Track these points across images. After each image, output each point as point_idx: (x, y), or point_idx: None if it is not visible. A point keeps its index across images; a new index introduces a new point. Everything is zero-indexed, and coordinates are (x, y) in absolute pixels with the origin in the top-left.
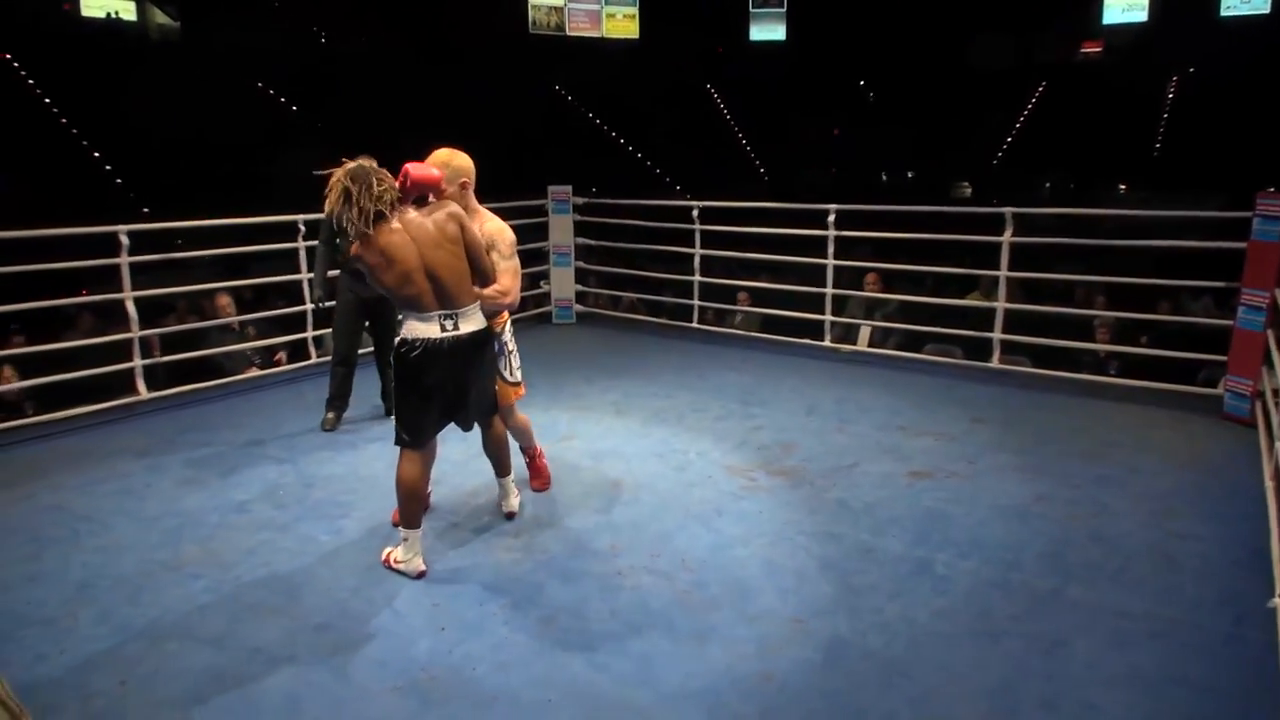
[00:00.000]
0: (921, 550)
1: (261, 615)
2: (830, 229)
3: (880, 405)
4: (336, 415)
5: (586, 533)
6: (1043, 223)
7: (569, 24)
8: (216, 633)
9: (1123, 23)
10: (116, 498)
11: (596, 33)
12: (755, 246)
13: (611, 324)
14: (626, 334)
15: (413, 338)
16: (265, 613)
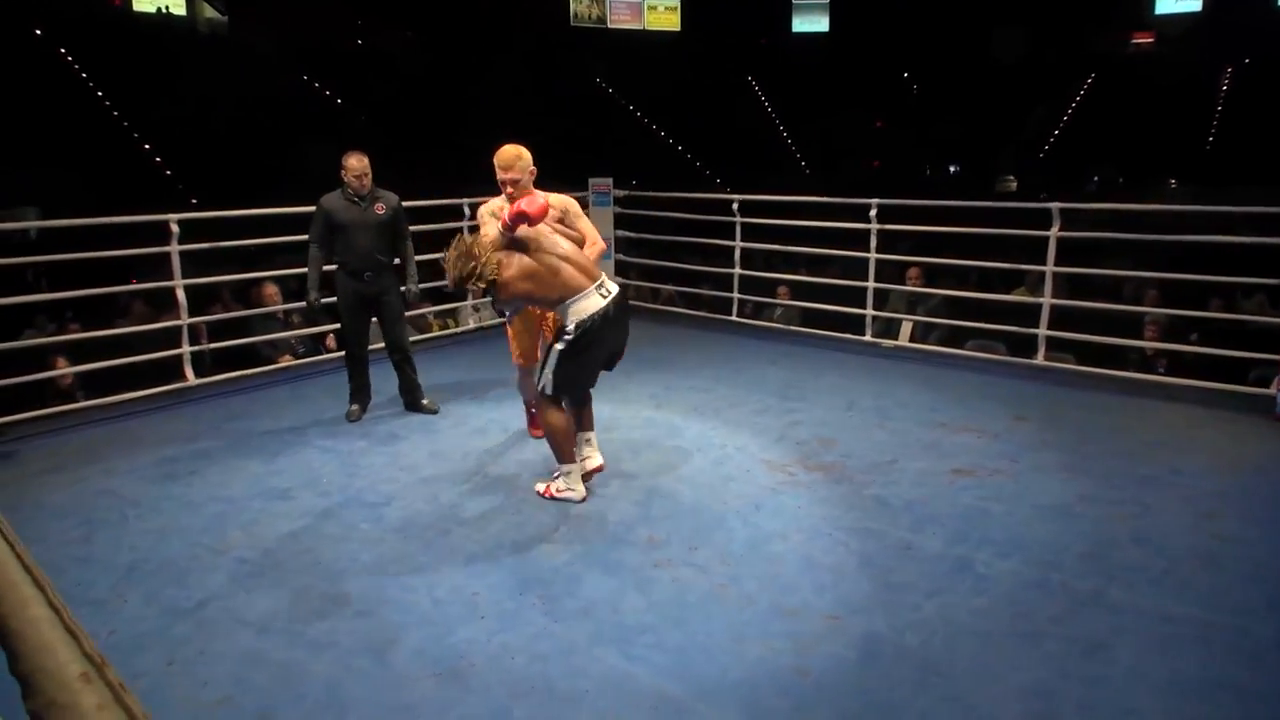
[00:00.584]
0: (961, 549)
1: (304, 600)
2: (873, 223)
3: (921, 401)
4: (361, 407)
5: (624, 525)
6: (1090, 218)
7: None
8: (260, 617)
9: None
10: (164, 482)
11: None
12: (796, 240)
13: (650, 316)
14: (665, 326)
15: (584, 318)
16: (308, 598)
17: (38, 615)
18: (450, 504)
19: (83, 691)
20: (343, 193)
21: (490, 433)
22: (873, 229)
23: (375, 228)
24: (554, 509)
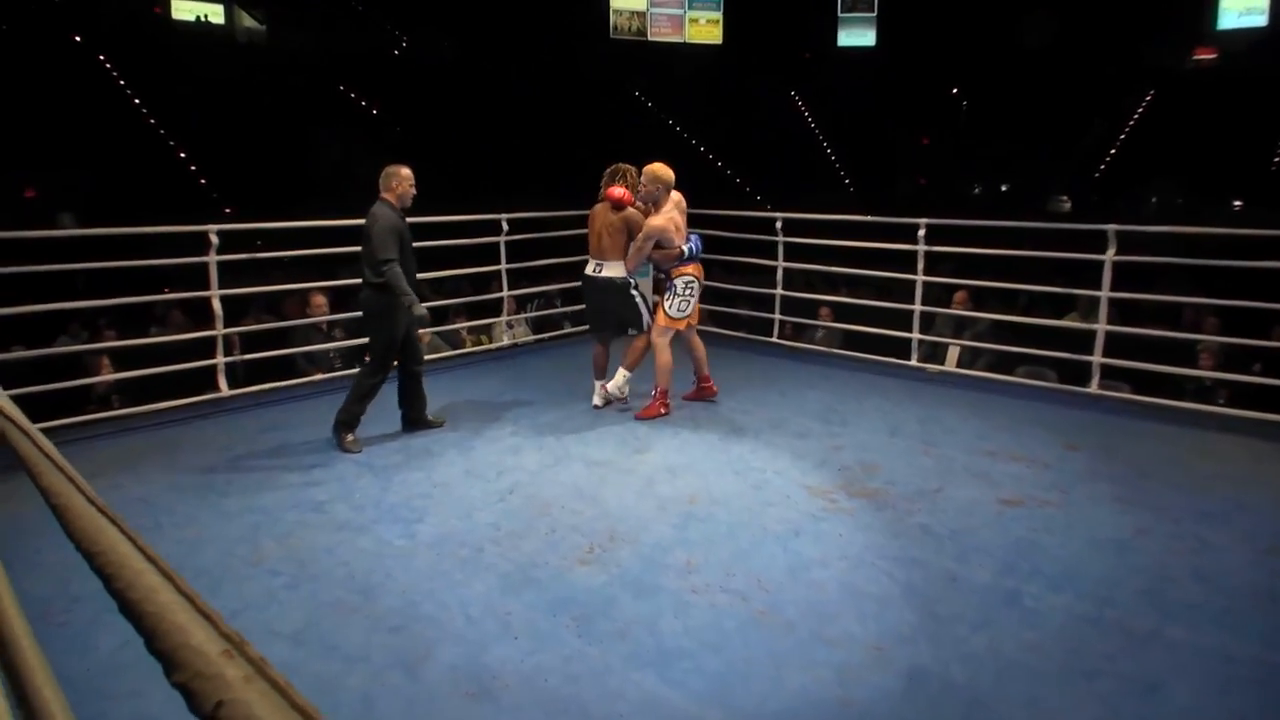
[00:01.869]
0: (1010, 581)
1: (338, 614)
2: (920, 243)
3: (968, 428)
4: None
5: (661, 548)
6: (1148, 240)
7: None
8: (294, 629)
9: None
10: (199, 492)
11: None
12: (840, 260)
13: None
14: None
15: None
16: (342, 611)
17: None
18: (484, 521)
19: (227, 665)
20: (392, 206)
21: (524, 451)
22: (920, 250)
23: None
24: (588, 529)
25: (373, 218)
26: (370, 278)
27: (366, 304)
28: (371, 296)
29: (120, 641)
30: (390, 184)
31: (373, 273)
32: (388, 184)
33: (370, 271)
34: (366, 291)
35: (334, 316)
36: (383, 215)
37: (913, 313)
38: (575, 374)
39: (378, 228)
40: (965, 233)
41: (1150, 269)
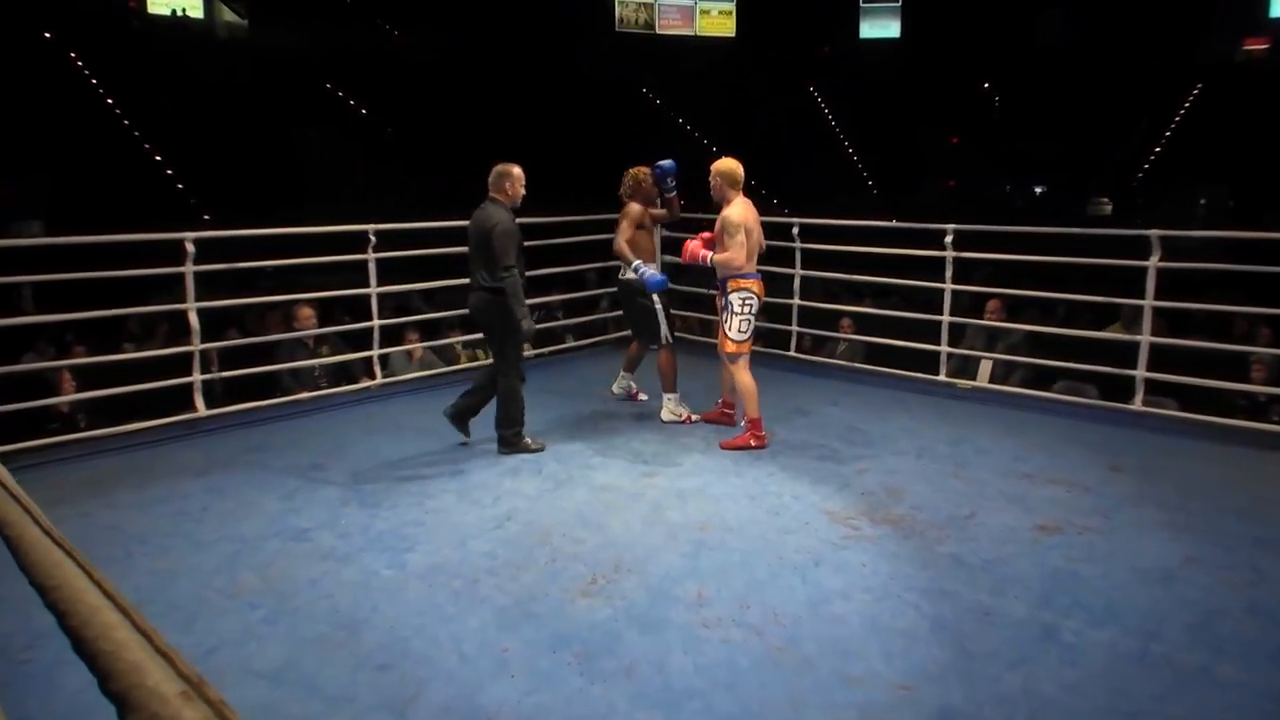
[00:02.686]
0: (1048, 615)
1: (321, 650)
2: (948, 250)
3: (1002, 449)
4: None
5: (670, 579)
6: (1196, 246)
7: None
8: (273, 666)
9: None
10: (173, 519)
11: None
12: (862, 268)
13: (698, 349)
14: (714, 360)
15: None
16: (325, 648)
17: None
18: (479, 551)
19: (184, 707)
20: (505, 208)
21: (523, 474)
22: (948, 256)
23: None
24: (591, 558)
25: (487, 218)
26: (486, 281)
27: (484, 307)
28: (487, 299)
29: (86, 680)
30: (503, 184)
31: (490, 277)
32: (500, 184)
33: (488, 275)
34: (482, 294)
35: (321, 330)
36: (500, 218)
37: (941, 324)
38: (577, 391)
39: (498, 231)
40: (998, 238)
41: (1198, 276)
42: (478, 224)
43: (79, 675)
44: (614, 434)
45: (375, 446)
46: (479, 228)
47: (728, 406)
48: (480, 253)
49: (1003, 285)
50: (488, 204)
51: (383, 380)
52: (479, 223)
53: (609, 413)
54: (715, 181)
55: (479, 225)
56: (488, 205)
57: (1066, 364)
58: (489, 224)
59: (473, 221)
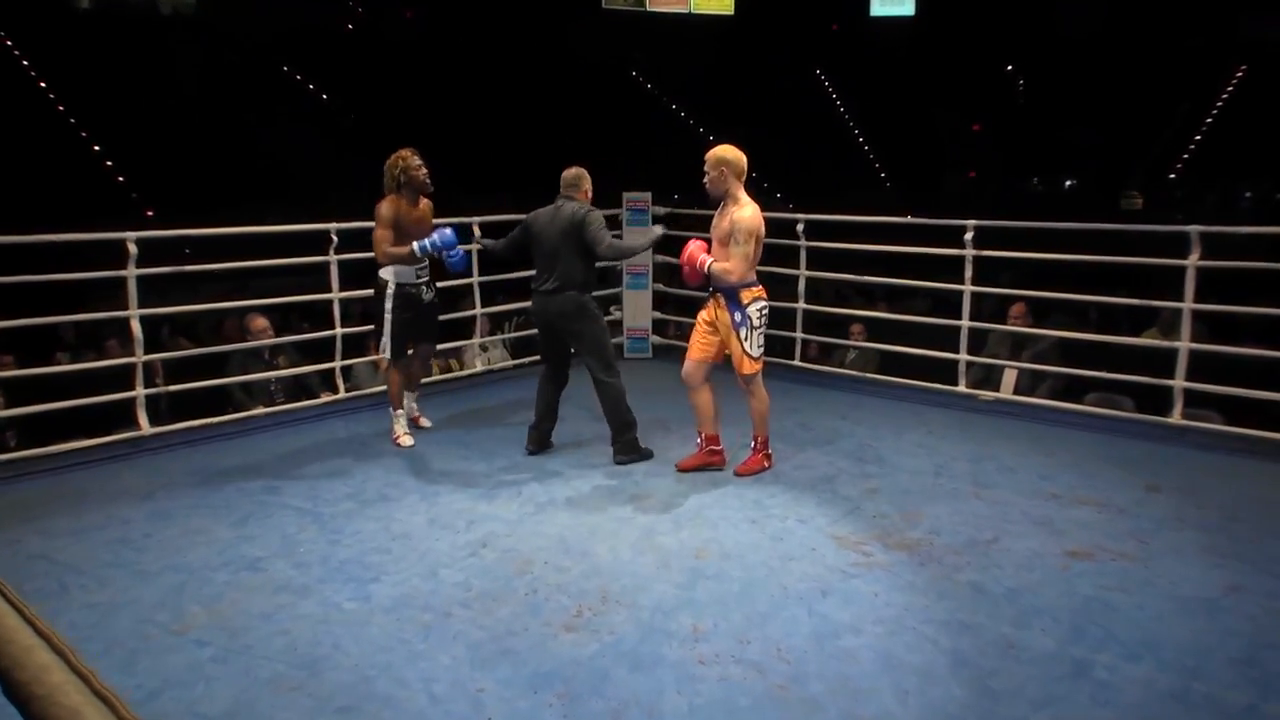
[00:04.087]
0: (1078, 649)
1: (276, 693)
2: (968, 248)
3: (1027, 466)
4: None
5: (662, 611)
6: (1240, 243)
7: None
8: (224, 710)
9: None
10: (112, 547)
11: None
12: (874, 268)
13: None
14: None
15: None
16: (281, 690)
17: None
18: (451, 581)
19: None
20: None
21: (500, 497)
22: (968, 255)
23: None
24: (575, 589)
25: (572, 211)
26: (579, 278)
27: (573, 312)
28: (577, 301)
29: None
30: (583, 186)
31: (585, 270)
32: (580, 185)
33: (580, 270)
34: (570, 297)
35: (277, 340)
36: (587, 207)
37: (961, 330)
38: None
39: (592, 216)
40: (1023, 235)
41: (1243, 277)
42: (561, 219)
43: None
44: (600, 452)
45: (337, 467)
46: (565, 221)
47: (712, 443)
48: (568, 247)
49: (1028, 287)
50: (563, 200)
51: (346, 394)
52: (562, 218)
53: (594, 429)
54: (716, 173)
55: (563, 219)
56: (564, 202)
57: (1098, 373)
58: (578, 213)
59: (546, 220)
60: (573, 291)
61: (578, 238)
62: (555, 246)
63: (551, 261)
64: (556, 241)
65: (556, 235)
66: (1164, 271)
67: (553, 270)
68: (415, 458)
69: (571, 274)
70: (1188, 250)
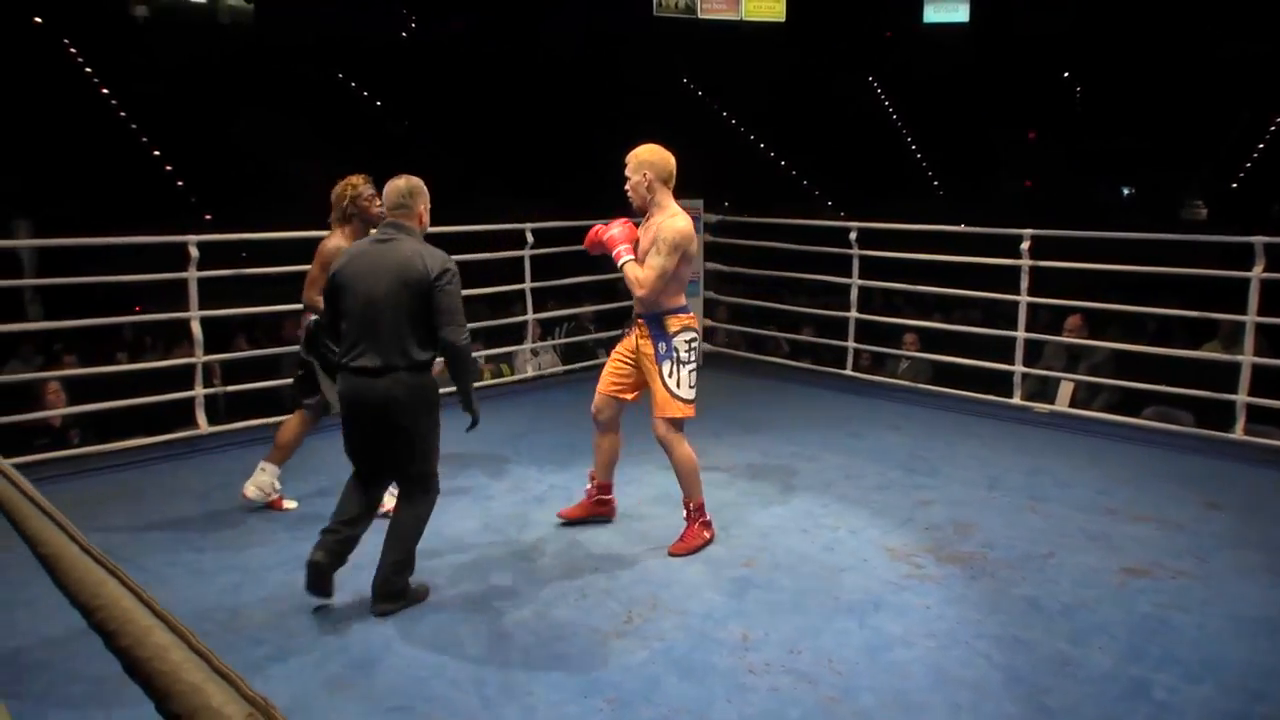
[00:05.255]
0: (1136, 668)
1: (330, 692)
2: (1024, 258)
3: (1084, 481)
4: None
5: (712, 619)
6: None
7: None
8: (279, 709)
9: None
10: (170, 545)
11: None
12: (928, 278)
13: (745, 367)
14: (763, 380)
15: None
16: (335, 689)
17: (183, 659)
18: (503, 584)
19: None
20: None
21: (551, 501)
22: (1024, 265)
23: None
24: (625, 595)
25: (409, 258)
26: (409, 356)
27: (404, 399)
28: (408, 383)
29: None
30: (417, 205)
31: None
32: (412, 205)
33: (411, 346)
34: (398, 378)
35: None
36: (431, 255)
37: (1016, 341)
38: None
39: (443, 274)
40: (1080, 245)
41: None
42: (391, 264)
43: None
44: (650, 460)
45: None
46: (399, 269)
47: (603, 491)
48: (398, 306)
49: (1085, 298)
50: (395, 233)
51: None
52: (393, 262)
53: (643, 437)
54: (638, 178)
55: (395, 265)
56: (397, 237)
57: (1157, 387)
58: (426, 266)
59: (365, 264)
60: (403, 372)
61: (417, 297)
62: (377, 302)
63: (371, 325)
64: (380, 295)
65: (382, 287)
66: (1226, 283)
67: (373, 337)
68: (467, 463)
69: (403, 344)
70: (1251, 261)
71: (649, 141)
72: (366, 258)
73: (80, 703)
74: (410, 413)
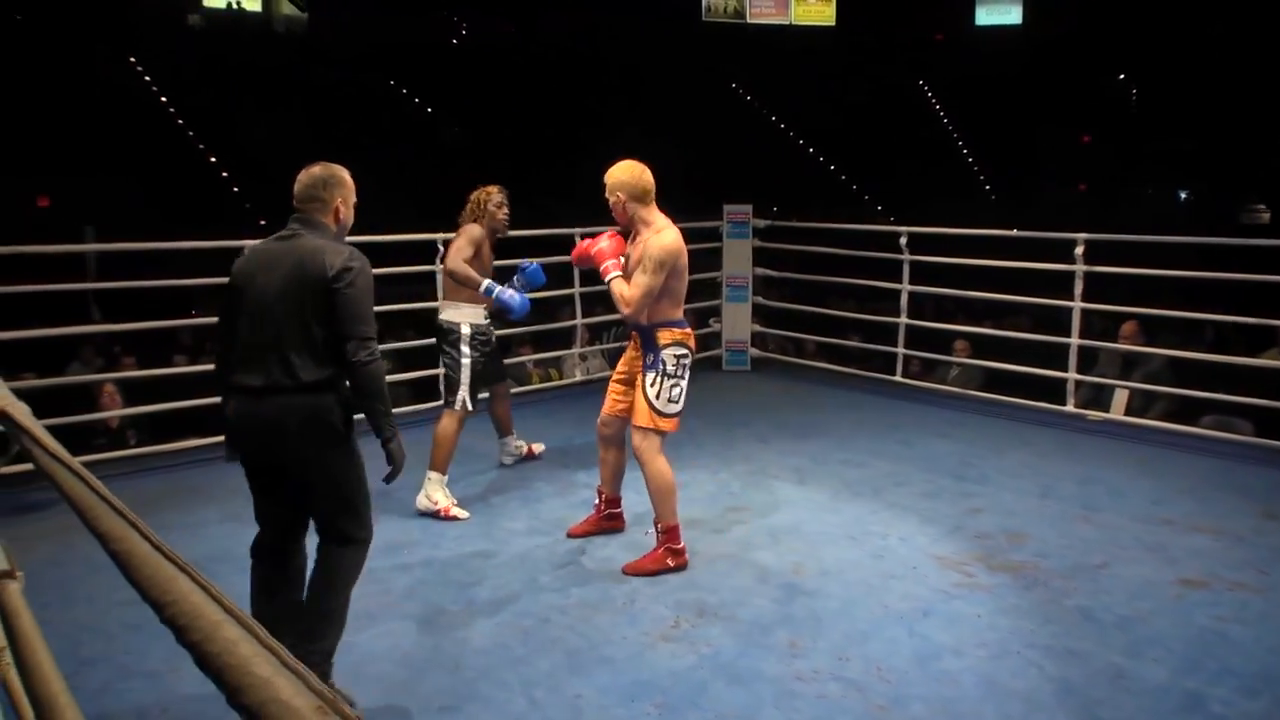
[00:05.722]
0: (1192, 681)
1: (381, 691)
2: (1078, 263)
3: (1139, 490)
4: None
5: (760, 626)
6: None
7: (750, 10)
8: None
9: None
10: (227, 543)
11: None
12: (979, 283)
13: (794, 372)
14: (812, 385)
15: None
16: (385, 688)
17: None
18: (551, 587)
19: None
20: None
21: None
22: (1078, 271)
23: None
24: (672, 600)
25: (311, 256)
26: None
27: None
28: (310, 406)
29: (135, 712)
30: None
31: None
32: (327, 196)
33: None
34: (291, 400)
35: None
36: (343, 254)
37: (1070, 348)
38: None
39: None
40: (1135, 250)
41: None
42: (288, 265)
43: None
44: (697, 465)
45: None
46: (295, 270)
47: (612, 505)
48: (295, 315)
49: (1141, 304)
50: (299, 229)
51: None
52: (286, 263)
53: (694, 442)
54: (614, 199)
55: (292, 266)
56: (300, 233)
57: (1215, 395)
58: (326, 262)
59: (261, 265)
60: (293, 394)
61: (314, 300)
62: (268, 308)
63: (258, 335)
64: (271, 299)
65: (274, 289)
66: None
67: (264, 353)
68: (516, 466)
69: (289, 359)
70: None
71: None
72: (261, 256)
73: (138, 697)
74: (303, 445)
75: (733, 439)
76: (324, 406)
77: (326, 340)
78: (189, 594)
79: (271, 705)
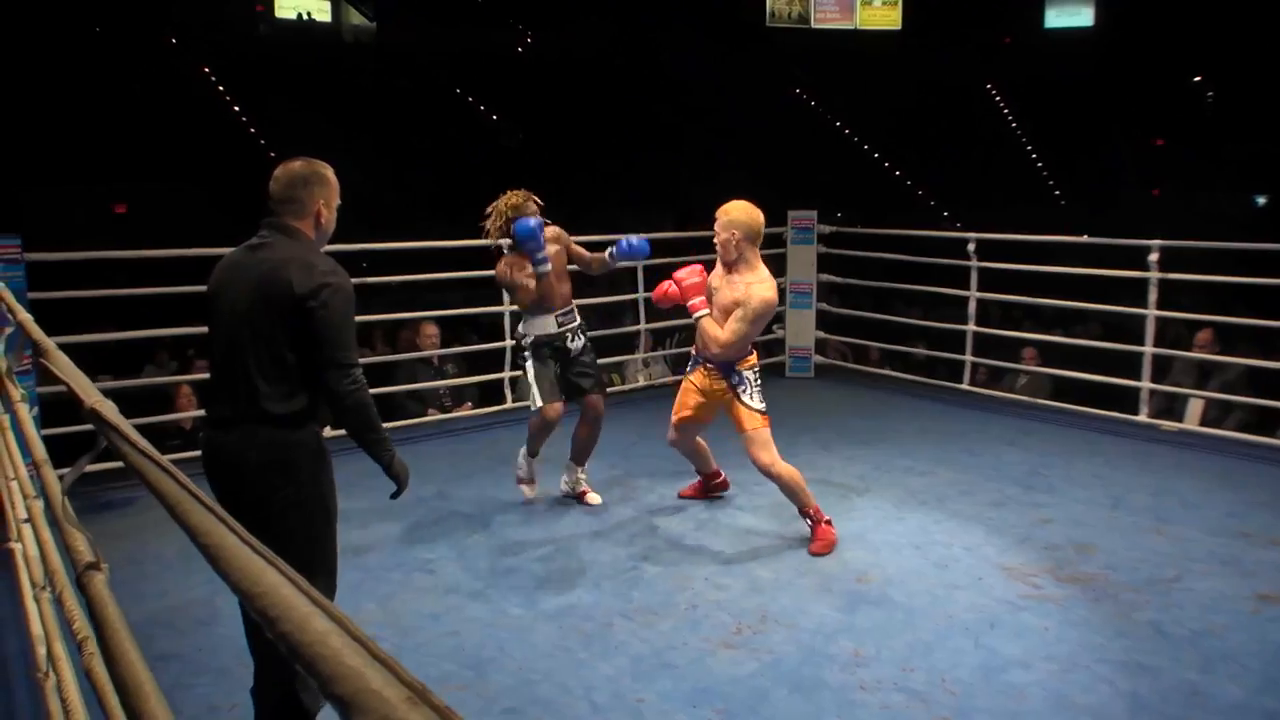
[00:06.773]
0: (1270, 700)
1: (444, 690)
2: (1152, 270)
3: (1214, 503)
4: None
5: (823, 634)
6: None
7: (815, 14)
8: None
9: None
10: None
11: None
12: (1049, 290)
13: (858, 379)
14: (876, 392)
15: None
16: (449, 688)
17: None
18: (614, 593)
19: (412, 712)
20: (308, 243)
21: (662, 512)
22: (1151, 278)
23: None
24: (735, 607)
25: (281, 267)
26: (273, 403)
27: (268, 461)
28: (279, 441)
29: (205, 706)
30: (310, 200)
31: (288, 391)
32: (304, 198)
33: (278, 387)
34: (261, 433)
35: (445, 350)
36: (323, 267)
37: (1143, 356)
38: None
39: (330, 293)
40: (1211, 257)
41: None
42: (250, 280)
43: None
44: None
45: (504, 476)
46: (261, 283)
47: (712, 477)
48: (262, 334)
49: (1217, 312)
50: (271, 235)
51: (512, 404)
52: (253, 276)
53: None
54: (727, 235)
55: (254, 282)
56: (272, 239)
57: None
58: (284, 277)
59: (231, 277)
60: (256, 426)
61: (286, 323)
62: (239, 332)
63: (233, 363)
64: (238, 319)
65: (241, 308)
66: None
67: (234, 379)
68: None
69: (253, 386)
70: None
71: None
72: (228, 269)
73: (208, 693)
74: (260, 487)
75: (796, 445)
76: (289, 445)
77: (300, 366)
78: (279, 586)
79: (363, 695)
